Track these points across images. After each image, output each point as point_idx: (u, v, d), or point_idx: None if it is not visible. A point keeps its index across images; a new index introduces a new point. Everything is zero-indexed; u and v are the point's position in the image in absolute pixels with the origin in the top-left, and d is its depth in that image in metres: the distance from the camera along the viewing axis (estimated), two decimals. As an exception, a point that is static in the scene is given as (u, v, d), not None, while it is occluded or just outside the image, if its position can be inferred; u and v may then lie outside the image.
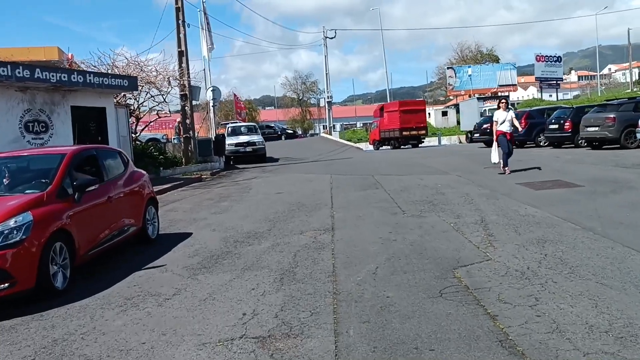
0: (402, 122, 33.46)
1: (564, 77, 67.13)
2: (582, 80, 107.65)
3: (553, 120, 20.09)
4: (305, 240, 7.30)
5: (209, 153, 22.65)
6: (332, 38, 47.95)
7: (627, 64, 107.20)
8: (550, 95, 55.96)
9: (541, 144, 21.92)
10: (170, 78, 21.22)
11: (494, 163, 13.42)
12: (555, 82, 57.00)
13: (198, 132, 26.73)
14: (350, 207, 9.81)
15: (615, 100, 18.47)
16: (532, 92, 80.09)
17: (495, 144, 13.40)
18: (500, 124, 13.16)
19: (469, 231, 7.12)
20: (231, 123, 32.81)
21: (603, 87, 70.27)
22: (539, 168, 13.52)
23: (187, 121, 21.89)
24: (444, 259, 5.83)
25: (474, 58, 72.21)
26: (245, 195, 13.14)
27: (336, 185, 13.44)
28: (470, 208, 8.77)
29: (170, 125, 39.31)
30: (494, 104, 35.77)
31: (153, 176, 18.63)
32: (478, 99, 36.86)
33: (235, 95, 52.90)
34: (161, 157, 20.43)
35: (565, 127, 19.36)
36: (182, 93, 21.59)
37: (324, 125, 68.98)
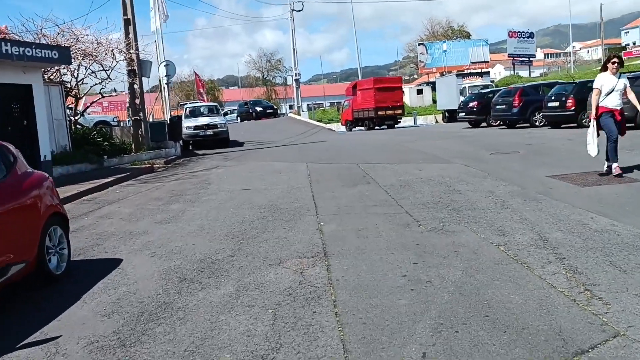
0: (377, 100, 30.92)
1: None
2: (548, 58, 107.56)
3: (553, 97, 17.91)
4: (288, 280, 4.78)
5: (163, 138, 19.66)
6: (299, 11, 44.93)
7: (591, 41, 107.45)
8: (518, 73, 54.25)
9: (537, 123, 19.80)
10: (115, 50, 18.11)
11: (594, 156, 8.65)
12: (528, 59, 55.56)
13: (152, 114, 23.71)
14: (342, 214, 7.32)
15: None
16: (499, 70, 78.97)
17: (593, 127, 8.44)
18: (606, 95, 8.15)
19: (537, 263, 4.71)
20: (190, 103, 29.75)
21: (570, 65, 69.35)
22: None
23: (137, 101, 18.84)
24: (534, 331, 3.39)
25: (445, 34, 70.28)
26: (203, 192, 10.48)
27: (316, 179, 10.91)
28: (511, 217, 6.38)
29: (125, 107, 35.86)
30: (474, 80, 33.54)
31: (96, 166, 15.80)
32: (457, 75, 34.49)
33: (196, 73, 49.37)
34: (106, 143, 17.41)
35: (567, 104, 17.18)
36: (129, 69, 18.51)
37: (290, 105, 65.92)
